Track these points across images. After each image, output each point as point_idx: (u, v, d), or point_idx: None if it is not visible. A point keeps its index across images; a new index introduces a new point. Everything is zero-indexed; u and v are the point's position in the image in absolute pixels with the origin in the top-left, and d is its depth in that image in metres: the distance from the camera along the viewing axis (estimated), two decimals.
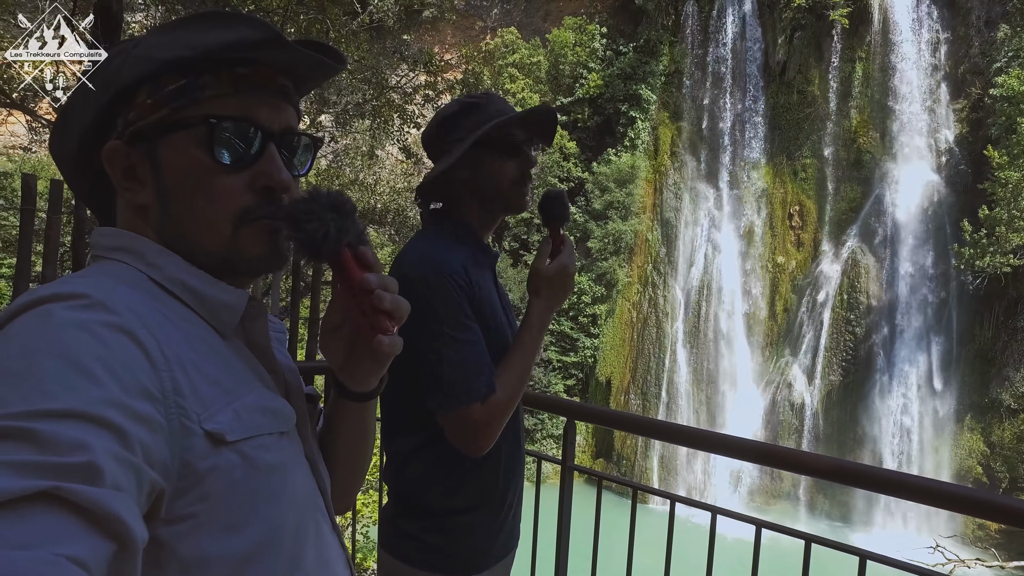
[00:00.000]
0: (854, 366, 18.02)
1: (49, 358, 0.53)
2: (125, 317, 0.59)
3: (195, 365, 0.64)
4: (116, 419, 0.52)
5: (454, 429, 1.26)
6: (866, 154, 19.14)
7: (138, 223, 0.73)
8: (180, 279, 0.70)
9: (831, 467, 1.54)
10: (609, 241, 19.93)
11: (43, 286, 0.63)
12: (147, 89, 0.70)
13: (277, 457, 0.69)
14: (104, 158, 0.71)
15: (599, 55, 21.20)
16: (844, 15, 18.96)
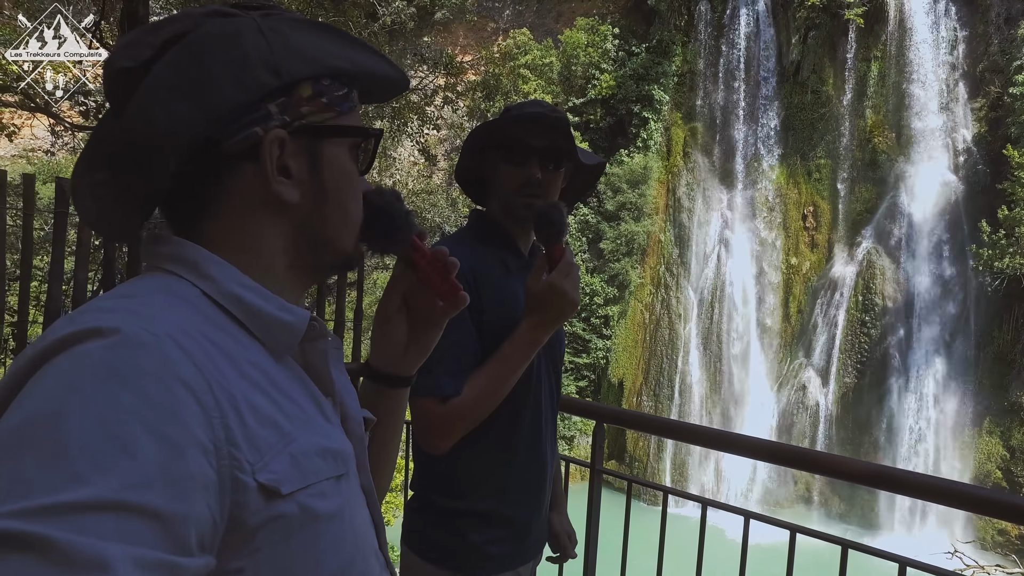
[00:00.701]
0: (869, 368, 17.85)
1: (79, 423, 0.46)
2: (169, 355, 0.52)
3: (249, 405, 0.58)
4: (155, 502, 0.46)
5: (414, 420, 1.29)
6: (881, 154, 18.96)
7: (266, 219, 0.68)
8: (236, 294, 0.64)
9: (863, 471, 1.52)
10: (622, 242, 19.87)
11: (78, 313, 0.56)
12: (309, 87, 0.68)
13: (335, 504, 0.64)
14: (267, 145, 0.66)
15: (611, 56, 21.14)
16: (859, 14, 18.79)
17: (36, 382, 0.50)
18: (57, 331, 0.53)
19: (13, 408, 0.49)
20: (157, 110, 0.60)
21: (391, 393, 0.90)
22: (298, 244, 0.70)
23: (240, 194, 0.66)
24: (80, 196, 0.67)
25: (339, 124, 0.71)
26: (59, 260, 2.23)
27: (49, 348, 0.52)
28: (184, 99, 0.61)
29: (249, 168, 0.66)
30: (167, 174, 0.62)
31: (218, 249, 0.66)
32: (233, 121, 0.64)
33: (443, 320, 0.88)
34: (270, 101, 0.65)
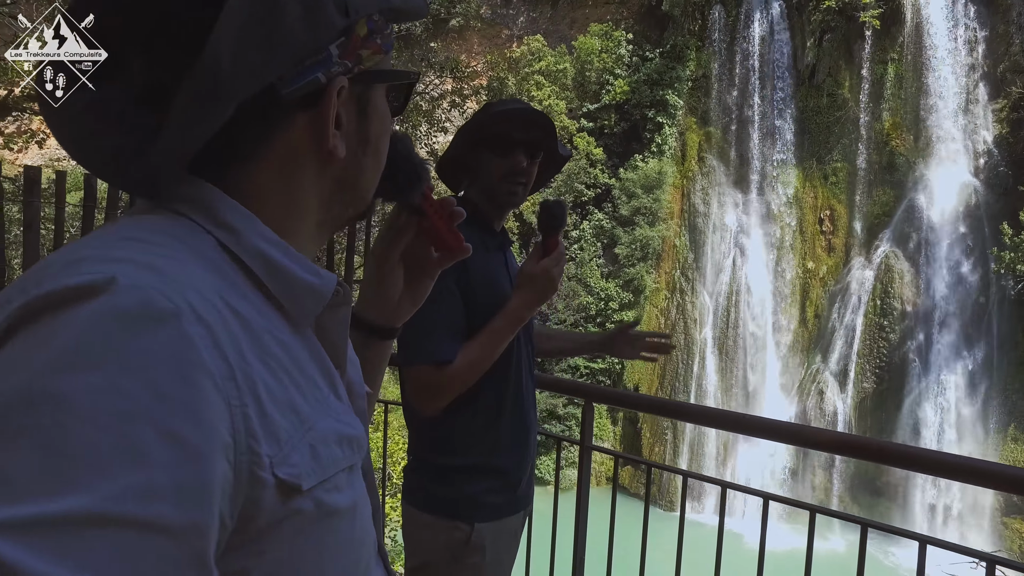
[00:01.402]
0: (888, 373, 17.61)
1: (76, 414, 0.38)
2: (188, 332, 0.43)
3: (267, 388, 0.49)
4: (165, 514, 0.39)
5: (409, 384, 1.41)
6: (899, 157, 18.77)
7: (309, 172, 0.59)
8: (260, 249, 0.55)
9: (895, 452, 1.54)
10: (636, 247, 19.84)
11: (73, 255, 0.45)
12: (364, 25, 0.59)
13: (349, 497, 0.57)
14: (333, 95, 0.58)
15: (625, 61, 21.18)
16: (875, 16, 18.67)
17: (23, 346, 0.41)
18: (49, 279, 0.43)
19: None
20: (225, 55, 0.49)
21: (380, 344, 0.87)
22: (332, 198, 0.63)
23: (287, 144, 0.57)
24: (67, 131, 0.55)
25: (388, 68, 0.65)
26: None
27: (39, 303, 0.42)
28: (254, 43, 0.51)
29: (302, 117, 0.57)
30: (220, 123, 0.52)
31: (243, 198, 0.56)
32: (295, 65, 0.55)
33: (436, 271, 0.86)
34: (332, 42, 0.57)
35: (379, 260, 0.83)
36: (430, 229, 0.80)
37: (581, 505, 2.21)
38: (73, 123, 0.54)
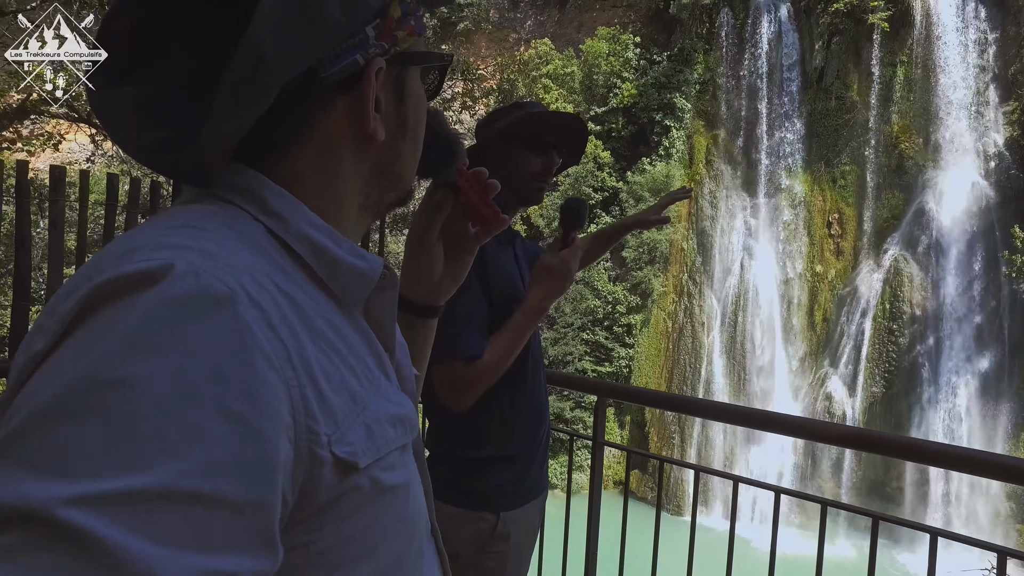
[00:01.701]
0: (898, 378, 17.49)
1: (143, 396, 0.40)
2: (244, 316, 0.45)
3: (323, 369, 0.51)
4: (230, 491, 0.41)
5: (442, 381, 1.43)
6: (908, 160, 18.69)
7: (349, 156, 0.61)
8: (307, 235, 0.56)
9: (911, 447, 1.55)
10: (644, 250, 19.83)
11: (131, 243, 0.47)
12: (398, 7, 0.60)
13: (402, 476, 0.58)
14: (372, 76, 0.58)
15: (633, 65, 21.21)
16: (884, 18, 18.62)
17: (89, 333, 0.42)
18: (110, 267, 0.45)
19: (60, 361, 0.42)
20: (268, 39, 0.50)
21: (424, 324, 0.87)
22: (371, 182, 0.64)
23: (327, 129, 0.58)
24: (118, 123, 0.57)
25: (423, 50, 0.66)
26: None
27: (102, 290, 0.44)
28: (294, 26, 0.51)
29: (342, 100, 0.58)
30: (264, 107, 0.52)
31: (286, 184, 0.57)
32: (334, 47, 0.56)
33: (475, 247, 0.85)
34: (368, 24, 0.58)
35: (419, 238, 0.83)
36: (466, 203, 0.80)
37: (593, 501, 2.23)
38: (124, 120, 0.56)
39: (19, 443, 0.39)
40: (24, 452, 0.38)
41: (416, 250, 0.84)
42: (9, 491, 0.37)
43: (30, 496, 0.36)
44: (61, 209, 2.28)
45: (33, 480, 0.37)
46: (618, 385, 2.48)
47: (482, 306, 1.47)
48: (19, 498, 0.36)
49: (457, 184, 0.79)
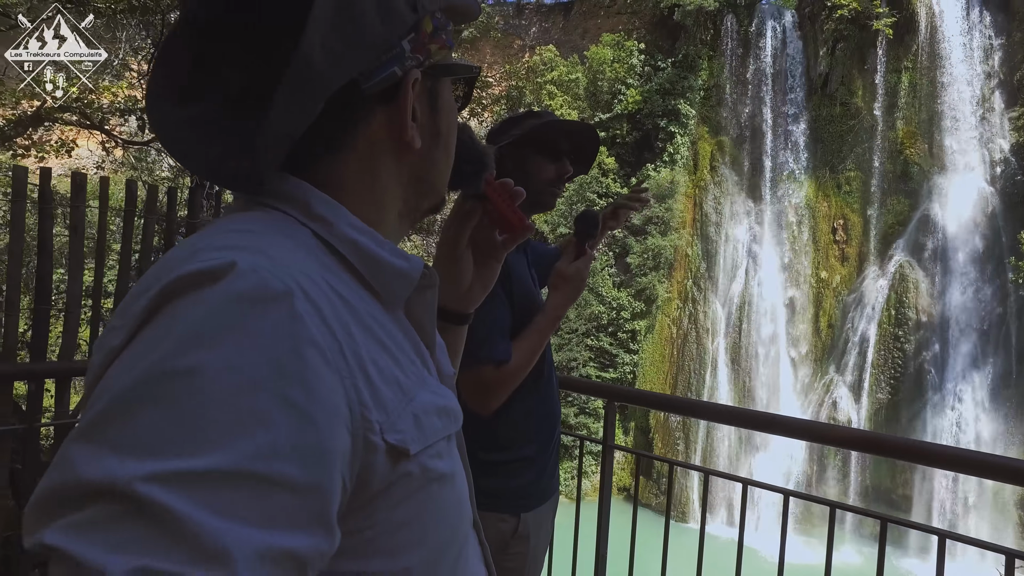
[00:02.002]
0: (904, 384, 17.43)
1: (210, 383, 0.43)
2: (300, 310, 0.48)
3: (373, 361, 0.54)
4: (290, 473, 0.43)
5: (469, 385, 1.45)
6: (914, 166, 18.68)
7: (388, 164, 0.64)
8: (351, 238, 0.59)
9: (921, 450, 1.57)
10: (648, 256, 19.85)
11: (196, 246, 0.51)
12: (430, 22, 0.64)
13: (448, 465, 0.61)
14: (409, 87, 0.62)
15: (637, 71, 21.28)
16: (889, 24, 18.65)
17: (160, 327, 0.46)
18: (178, 266, 0.49)
19: (135, 353, 0.46)
20: (317, 50, 0.54)
21: (455, 330, 0.89)
22: (409, 189, 0.67)
23: (367, 138, 0.62)
24: (176, 140, 0.61)
25: (454, 62, 0.69)
26: (127, 253, 2.46)
27: (171, 287, 0.47)
28: (341, 38, 0.56)
29: (381, 110, 0.62)
30: (313, 115, 0.56)
31: (330, 191, 0.61)
32: (374, 60, 0.59)
33: (503, 254, 0.88)
34: (404, 37, 0.61)
35: (448, 246, 0.86)
36: (494, 212, 0.83)
37: (603, 505, 2.25)
38: (182, 137, 0.61)
39: (101, 426, 0.43)
40: (105, 434, 0.42)
41: (447, 258, 0.86)
42: (94, 468, 0.40)
43: (113, 473, 0.40)
44: (82, 214, 2.33)
45: (115, 459, 0.41)
46: (629, 389, 2.50)
47: (506, 311, 1.52)
48: (103, 475, 0.40)
49: (486, 194, 0.82)
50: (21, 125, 6.05)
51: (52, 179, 2.25)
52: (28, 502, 0.43)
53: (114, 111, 6.51)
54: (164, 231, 2.65)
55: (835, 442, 1.65)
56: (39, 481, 0.43)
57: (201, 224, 2.79)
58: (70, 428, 2.53)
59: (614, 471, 2.23)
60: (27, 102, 6.44)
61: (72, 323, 2.43)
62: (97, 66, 6.03)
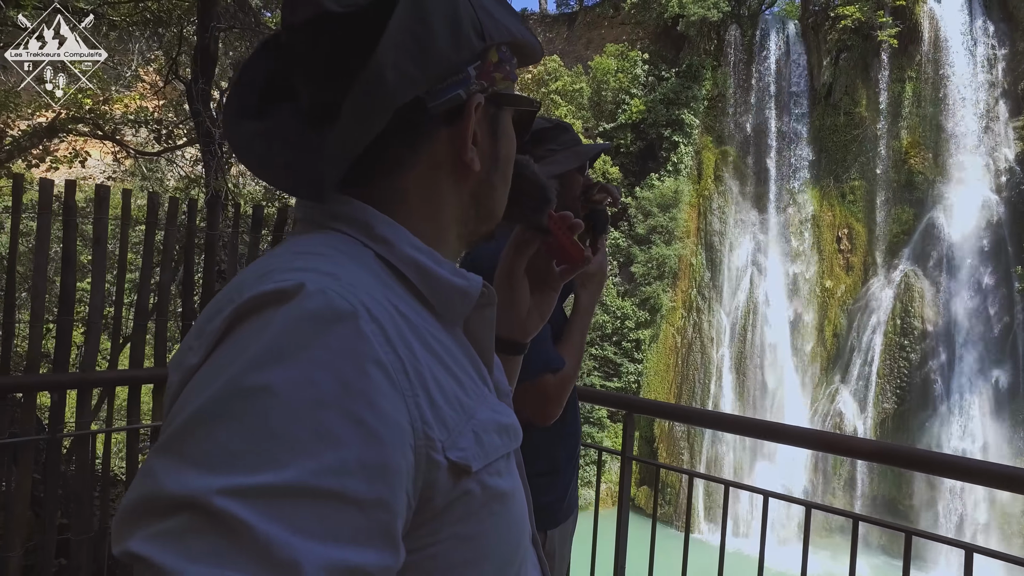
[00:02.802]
0: (909, 394, 17.37)
1: (280, 401, 0.45)
2: (365, 330, 0.50)
3: (435, 380, 0.55)
4: (357, 489, 0.45)
5: (531, 397, 1.45)
6: (918, 175, 18.70)
7: (448, 186, 0.66)
8: (413, 258, 0.60)
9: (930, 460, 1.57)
10: (653, 266, 19.86)
11: (265, 267, 0.54)
12: (496, 53, 0.67)
13: (509, 483, 0.61)
14: (472, 110, 0.64)
15: (641, 81, 21.39)
16: (892, 35, 18.74)
17: (233, 345, 0.49)
18: (248, 288, 0.51)
19: (211, 371, 0.48)
20: (388, 68, 0.56)
21: (511, 361, 0.89)
22: (467, 213, 0.69)
23: (429, 158, 0.64)
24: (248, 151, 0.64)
25: (517, 94, 0.71)
26: (148, 265, 2.48)
27: (244, 308, 0.50)
28: (411, 57, 0.58)
29: (444, 131, 0.64)
30: (381, 127, 0.59)
31: (390, 209, 0.62)
32: (441, 81, 0.62)
33: (560, 284, 0.89)
34: (470, 63, 0.64)
35: (506, 275, 0.87)
36: (553, 244, 0.83)
37: (622, 516, 2.25)
38: (255, 147, 0.64)
39: (179, 441, 0.45)
40: (184, 449, 0.44)
41: (504, 288, 0.87)
42: (175, 481, 0.43)
43: (191, 486, 0.42)
44: (104, 226, 2.36)
45: (194, 473, 0.43)
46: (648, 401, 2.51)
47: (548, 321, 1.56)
48: (183, 488, 0.42)
49: (548, 228, 0.82)
50: (36, 136, 6.12)
51: (56, 188, 2.29)
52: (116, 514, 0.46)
53: (126, 122, 6.58)
54: (184, 242, 2.68)
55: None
56: (58, 492, 0.46)
57: (221, 235, 2.81)
58: (90, 439, 2.56)
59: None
60: (41, 113, 6.53)
61: (94, 334, 2.46)
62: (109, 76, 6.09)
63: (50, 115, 6.39)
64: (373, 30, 0.57)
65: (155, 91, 7.98)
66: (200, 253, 2.76)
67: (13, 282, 2.37)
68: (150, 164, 9.03)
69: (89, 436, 2.50)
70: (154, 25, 6.23)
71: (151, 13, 5.97)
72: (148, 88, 8.35)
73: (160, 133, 6.52)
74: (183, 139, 6.81)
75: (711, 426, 2.01)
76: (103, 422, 3.19)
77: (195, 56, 4.52)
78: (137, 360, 2.61)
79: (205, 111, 4.44)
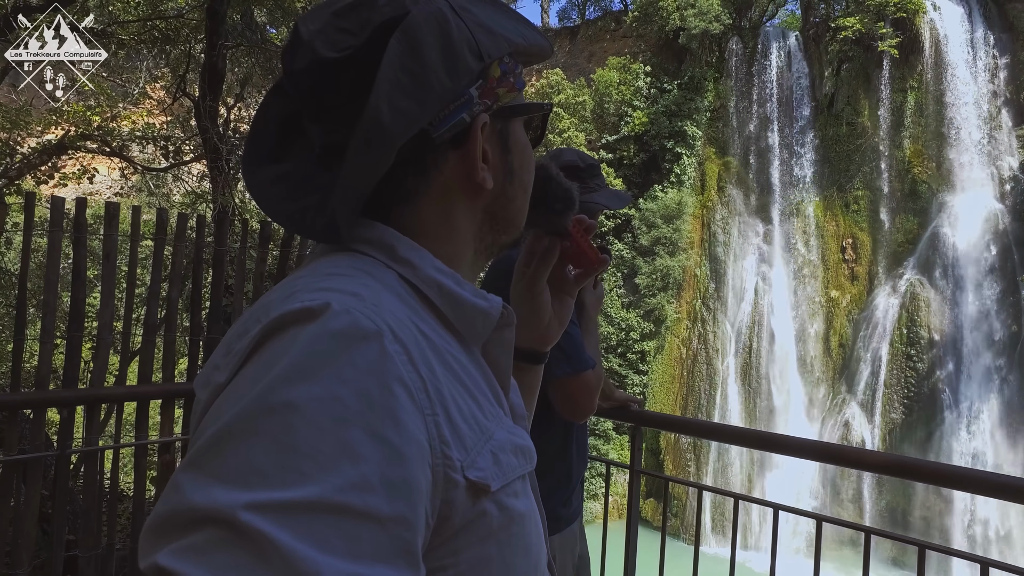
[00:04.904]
0: (917, 403, 17.25)
1: (305, 418, 0.45)
2: (388, 350, 0.51)
3: (454, 400, 0.56)
4: (377, 506, 0.45)
5: (573, 391, 1.53)
6: (922, 184, 18.71)
7: (461, 205, 0.67)
8: (435, 280, 0.61)
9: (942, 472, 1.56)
10: (657, 277, 19.85)
11: (292, 287, 0.55)
12: (498, 67, 0.67)
13: (525, 503, 0.62)
14: (478, 131, 0.65)
15: (644, 93, 21.51)
16: (893, 45, 18.82)
17: (261, 363, 0.50)
18: (275, 308, 0.52)
19: (239, 388, 0.49)
20: (384, 108, 0.57)
21: (531, 370, 0.89)
22: (483, 227, 0.70)
23: (441, 182, 0.65)
24: (265, 196, 0.66)
25: (523, 102, 0.71)
26: (157, 280, 2.51)
27: (272, 326, 0.51)
28: (407, 94, 0.58)
29: (453, 155, 0.65)
30: (385, 167, 0.60)
31: (412, 235, 0.64)
32: (442, 109, 0.62)
33: (576, 289, 0.89)
34: (471, 85, 0.64)
35: (529, 285, 0.85)
36: (570, 248, 0.82)
37: (631, 530, 2.24)
38: (272, 192, 0.66)
39: (207, 457, 0.46)
40: (211, 464, 0.45)
41: (527, 298, 0.86)
42: (202, 496, 0.43)
43: (217, 501, 0.42)
44: (114, 242, 2.38)
45: (220, 488, 0.43)
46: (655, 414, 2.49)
47: (576, 322, 1.60)
48: (209, 503, 0.42)
49: (570, 231, 0.82)
50: (45, 153, 6.20)
51: (67, 204, 2.31)
52: (143, 527, 0.46)
53: (133, 138, 6.65)
54: (192, 257, 2.70)
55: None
56: (66, 508, 0.46)
57: (229, 250, 2.83)
58: (99, 455, 2.56)
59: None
60: (50, 130, 6.60)
61: (103, 350, 2.47)
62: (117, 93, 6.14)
63: (59, 132, 6.48)
64: (370, 70, 0.58)
65: (163, 108, 8.08)
66: (208, 268, 2.77)
67: (24, 298, 2.39)
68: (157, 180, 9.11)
69: (97, 452, 2.50)
70: (162, 43, 6.31)
71: (159, 31, 6.05)
72: (156, 105, 8.46)
73: (167, 149, 6.59)
74: (190, 155, 6.89)
75: (718, 439, 2.01)
76: (110, 438, 3.20)
77: (202, 73, 4.58)
78: (145, 375, 2.62)
79: (212, 127, 4.49)
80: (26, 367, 2.85)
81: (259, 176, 0.66)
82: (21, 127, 6.53)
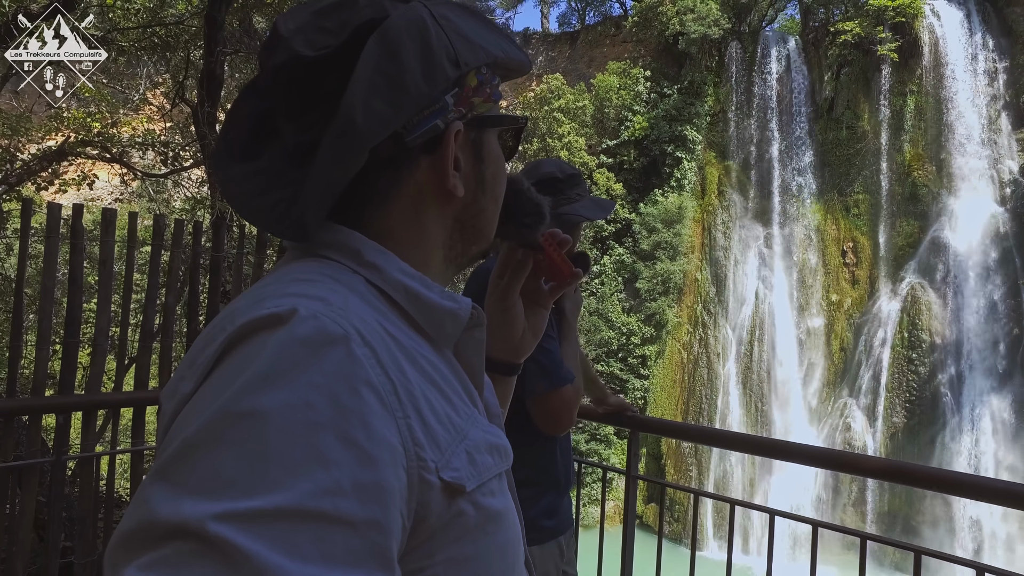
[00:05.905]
0: (919, 407, 17.21)
1: (274, 425, 0.45)
2: (356, 353, 0.50)
3: (427, 402, 0.56)
4: (350, 510, 0.45)
5: (552, 407, 1.53)
6: (922, 188, 18.71)
7: (432, 211, 0.67)
8: (402, 283, 0.61)
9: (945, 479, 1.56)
10: (658, 281, 19.85)
11: (259, 293, 0.55)
12: (475, 77, 0.67)
13: (501, 502, 0.62)
14: (449, 138, 0.65)
15: (644, 98, 21.55)
16: (893, 49, 18.86)
17: (227, 370, 0.49)
18: (241, 315, 0.52)
19: (205, 397, 0.49)
20: (358, 108, 0.57)
21: (504, 381, 0.88)
22: (454, 236, 0.70)
23: (412, 187, 0.65)
24: (236, 193, 0.65)
25: (498, 114, 0.71)
26: (154, 286, 2.51)
27: (238, 333, 0.51)
28: (381, 96, 0.59)
29: (425, 161, 0.65)
30: (357, 167, 0.60)
31: (379, 238, 0.64)
32: (416, 114, 0.62)
33: (550, 301, 0.90)
34: (447, 92, 0.64)
35: (501, 297, 0.86)
36: (543, 261, 0.83)
37: (627, 537, 2.23)
38: (242, 189, 0.65)
39: (174, 468, 0.45)
40: (179, 475, 0.44)
41: (500, 309, 0.86)
42: (169, 508, 0.42)
43: (185, 513, 0.42)
44: (111, 248, 2.38)
45: (188, 499, 0.42)
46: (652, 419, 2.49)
47: (555, 337, 1.61)
48: (176, 514, 0.42)
49: (542, 245, 0.82)
50: (46, 159, 6.22)
51: (64, 211, 2.32)
52: (110, 542, 0.45)
53: (133, 144, 6.68)
54: (189, 263, 2.70)
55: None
56: (62, 514, 0.45)
57: (226, 256, 2.83)
58: (95, 461, 2.56)
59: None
60: (51, 136, 6.63)
61: (99, 356, 2.48)
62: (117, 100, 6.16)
63: (59, 138, 6.50)
64: (346, 71, 0.58)
65: (162, 114, 8.11)
66: (205, 274, 2.78)
67: (21, 304, 2.39)
68: (156, 185, 9.12)
69: (94, 458, 2.50)
70: (162, 50, 6.34)
71: (159, 38, 6.08)
72: (155, 111, 8.49)
73: (167, 155, 6.61)
74: (189, 161, 6.91)
75: (717, 444, 2.00)
76: (107, 444, 3.20)
77: (201, 80, 4.61)
78: (142, 381, 2.62)
79: (211, 133, 4.51)
80: (23, 373, 2.85)
81: (231, 172, 0.65)
82: (22, 133, 6.55)
